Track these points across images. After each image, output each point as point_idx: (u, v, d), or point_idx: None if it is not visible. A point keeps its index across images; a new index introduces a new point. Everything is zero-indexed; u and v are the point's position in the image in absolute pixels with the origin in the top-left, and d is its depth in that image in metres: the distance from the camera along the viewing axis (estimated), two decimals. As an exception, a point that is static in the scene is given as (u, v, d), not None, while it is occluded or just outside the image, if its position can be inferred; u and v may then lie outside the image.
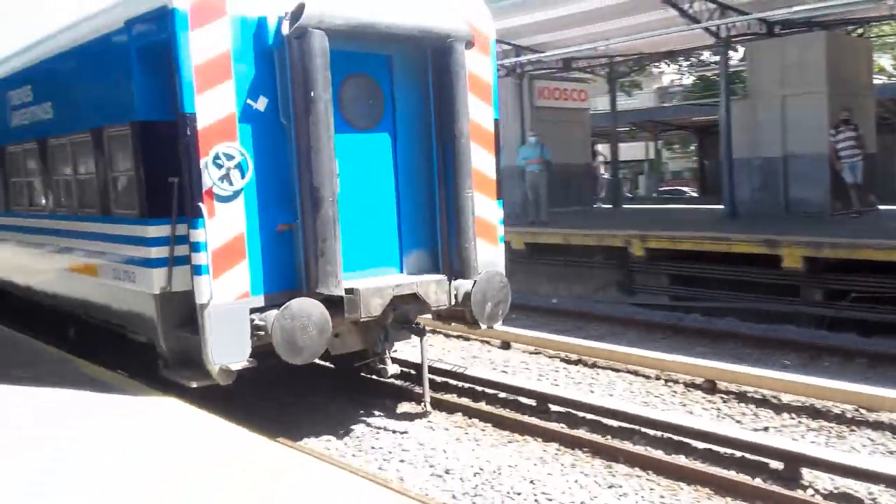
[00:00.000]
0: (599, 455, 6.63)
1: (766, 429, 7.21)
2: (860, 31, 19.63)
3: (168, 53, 6.21)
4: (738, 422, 7.45)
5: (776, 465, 6.17)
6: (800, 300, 12.15)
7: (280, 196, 6.63)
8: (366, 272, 7.04)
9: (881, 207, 16.46)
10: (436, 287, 7.11)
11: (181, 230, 6.46)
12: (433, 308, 7.31)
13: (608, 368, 9.42)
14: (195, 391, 6.37)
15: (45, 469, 4.86)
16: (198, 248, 6.24)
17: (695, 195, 33.36)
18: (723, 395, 8.17)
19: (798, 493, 5.71)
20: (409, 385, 8.51)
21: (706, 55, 28.44)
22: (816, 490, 5.87)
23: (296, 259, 6.63)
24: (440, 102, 7.18)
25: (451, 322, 8.17)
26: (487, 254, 7.67)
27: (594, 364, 9.60)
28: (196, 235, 6.24)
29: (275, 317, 6.17)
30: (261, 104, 6.56)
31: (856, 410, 7.43)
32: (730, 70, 17.52)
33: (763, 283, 12.59)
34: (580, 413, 7.54)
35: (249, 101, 6.48)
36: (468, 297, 7.16)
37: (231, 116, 6.37)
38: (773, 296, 12.34)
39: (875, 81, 20.78)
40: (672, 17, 16.04)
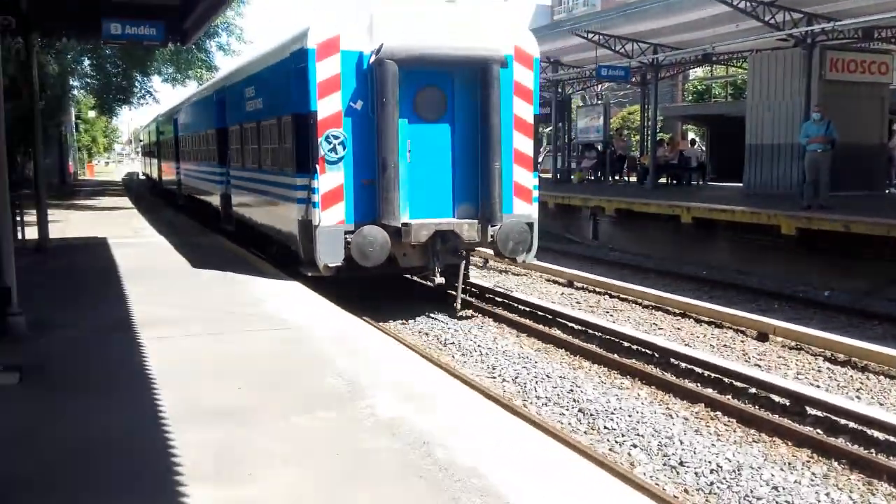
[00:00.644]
0: (858, 469, 6.12)
1: None
2: None
3: (306, 74, 10.19)
4: None
5: None
6: None
7: (367, 162, 10.40)
8: (430, 216, 10.71)
9: None
10: (468, 227, 10.65)
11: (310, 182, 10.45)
12: (466, 242, 10.78)
13: (882, 374, 8.56)
14: (309, 279, 10.74)
15: (237, 290, 10.13)
16: (315, 192, 10.37)
17: None
18: None
19: None
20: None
21: None
22: None
23: (374, 202, 10.33)
24: (482, 104, 10.53)
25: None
26: (522, 209, 11.47)
27: (864, 367, 8.80)
28: (314, 184, 10.36)
29: (356, 234, 10.11)
30: (358, 105, 10.39)
31: None
32: None
33: None
34: (841, 420, 6.94)
35: (350, 104, 10.38)
36: (494, 237, 10.76)
37: (338, 113, 10.34)
38: None
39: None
40: None
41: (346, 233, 10.36)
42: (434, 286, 11.29)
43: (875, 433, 6.67)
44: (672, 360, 8.85)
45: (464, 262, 11.34)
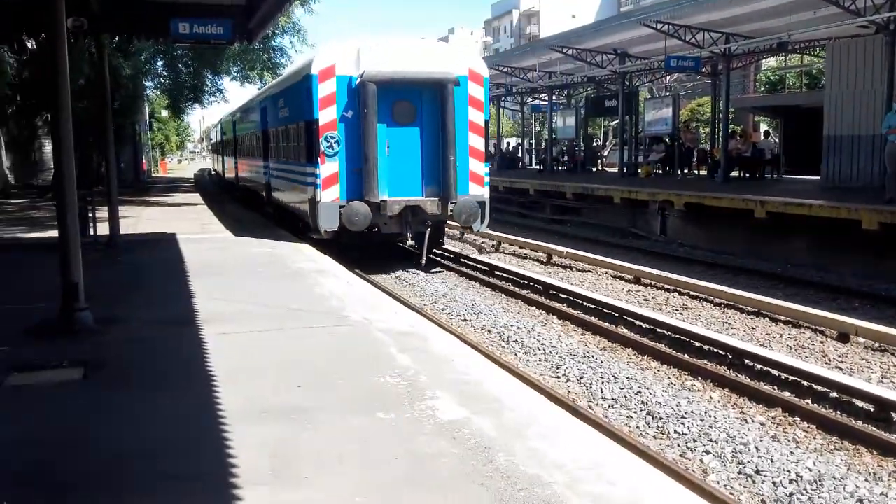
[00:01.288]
0: (951, 481, 5.76)
1: None
2: None
3: (311, 92, 14.15)
4: None
5: None
6: None
7: (355, 156, 14.21)
8: (403, 195, 14.46)
9: None
10: (431, 203, 14.49)
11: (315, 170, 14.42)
12: (430, 214, 14.52)
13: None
14: (314, 241, 14.78)
15: (299, 285, 10.71)
16: (317, 178, 14.35)
17: None
18: None
19: None
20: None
21: None
22: None
23: (361, 185, 14.12)
24: (441, 113, 14.27)
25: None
26: (476, 190, 15.00)
27: (958, 373, 8.33)
28: (317, 172, 14.31)
29: (345, 207, 13.94)
30: (349, 114, 14.26)
31: None
32: None
33: None
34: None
35: (343, 113, 14.28)
36: (452, 211, 14.49)
37: (334, 120, 14.26)
38: None
39: None
40: None
41: (340, 207, 14.23)
42: (407, 247, 16.46)
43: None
44: (746, 362, 8.46)
45: (429, 230, 14.92)
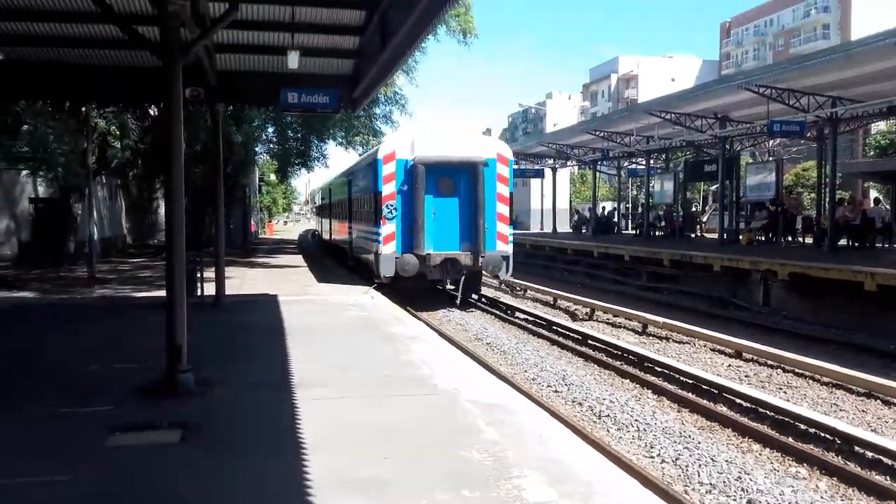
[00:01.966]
0: None
1: None
2: None
3: (377, 171, 18.75)
4: None
5: None
6: None
7: (408, 219, 18.34)
8: (444, 249, 18.56)
9: None
10: (465, 256, 18.57)
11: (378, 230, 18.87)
12: (464, 265, 18.60)
13: None
14: (379, 283, 18.99)
15: (392, 351, 9.64)
16: (379, 236, 18.70)
17: None
18: None
19: None
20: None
21: None
22: None
23: (412, 241, 18.24)
24: (473, 187, 18.50)
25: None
26: (501, 247, 19.01)
27: None
28: (379, 231, 18.67)
29: (399, 259, 18.24)
30: (404, 187, 18.48)
31: None
32: None
33: None
34: None
35: (400, 187, 18.60)
36: (481, 262, 18.53)
37: (393, 192, 18.67)
38: None
39: None
40: None
41: (396, 258, 18.60)
42: (447, 291, 20.10)
43: None
44: (856, 448, 7.96)
45: (464, 277, 18.93)
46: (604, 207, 45.98)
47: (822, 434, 8.44)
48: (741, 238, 27.12)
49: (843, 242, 23.39)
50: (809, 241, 25.91)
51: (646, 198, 35.77)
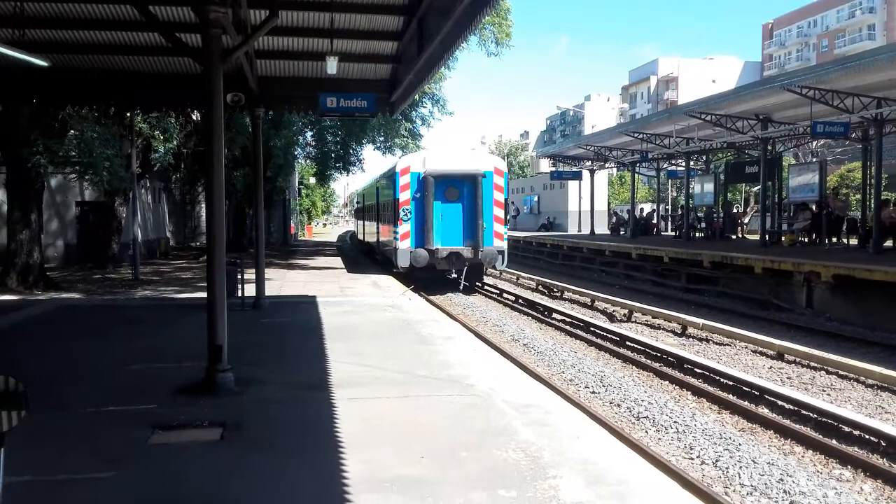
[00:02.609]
0: None
1: None
2: None
3: (395, 181, 23.03)
4: None
5: None
6: None
7: (420, 220, 22.55)
8: (449, 245, 22.63)
9: None
10: (466, 251, 22.54)
11: (397, 229, 23.04)
12: (466, 258, 22.50)
13: None
14: (395, 274, 23.59)
15: (427, 351, 8.79)
16: (398, 234, 22.88)
17: None
18: None
19: None
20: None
21: None
22: None
23: (423, 238, 22.42)
24: (474, 195, 22.63)
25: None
26: (497, 243, 22.82)
27: None
28: (398, 230, 22.87)
29: (413, 252, 22.28)
30: (418, 195, 22.63)
31: None
32: None
33: None
34: None
35: (414, 195, 22.74)
36: (480, 256, 22.48)
37: (408, 199, 22.86)
38: None
39: None
40: None
41: (410, 252, 22.45)
42: (453, 279, 23.20)
43: None
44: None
45: (466, 268, 22.79)
46: (642, 209, 45.54)
47: (867, 436, 8.28)
48: (783, 239, 26.67)
49: (889, 244, 22.87)
50: (854, 243, 25.38)
51: (685, 199, 35.36)
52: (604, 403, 10.30)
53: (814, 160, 32.15)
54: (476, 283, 24.24)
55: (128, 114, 22.93)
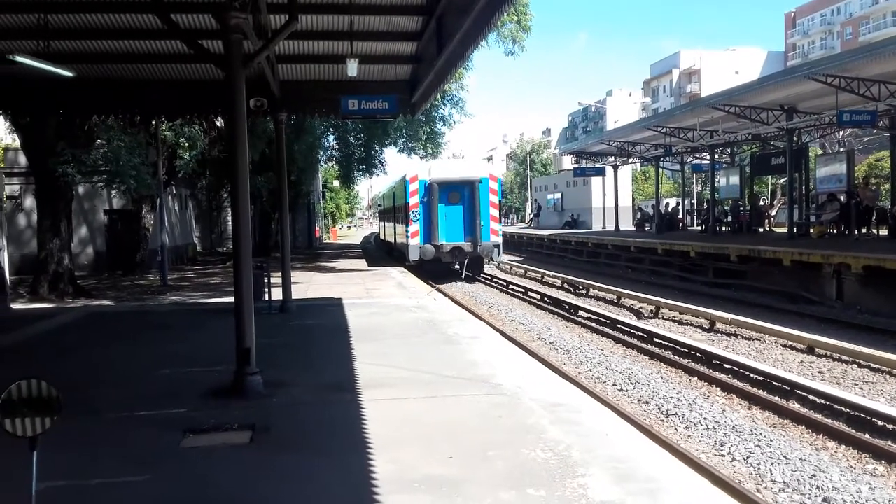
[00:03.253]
0: None
1: None
2: None
3: (406, 188, 27.63)
4: None
5: None
6: None
7: (427, 220, 26.99)
8: (452, 241, 26.86)
9: None
10: (467, 245, 26.83)
11: (407, 228, 27.81)
12: (466, 252, 26.84)
13: None
14: (407, 264, 28.13)
15: (453, 352, 7.03)
16: (408, 232, 27.42)
17: None
18: None
19: None
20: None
21: None
22: None
23: (429, 235, 26.91)
24: (472, 198, 26.96)
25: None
26: (493, 238, 27.14)
27: None
28: (408, 229, 27.40)
29: (421, 247, 26.87)
30: (425, 199, 27.04)
31: None
32: None
33: None
34: None
35: (421, 199, 27.14)
36: (478, 250, 26.88)
37: (417, 202, 27.23)
38: None
39: None
40: None
41: (419, 247, 26.09)
42: (456, 270, 27.04)
43: None
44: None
45: (467, 260, 26.76)
46: (667, 204, 45.20)
47: (902, 431, 8.16)
48: (812, 231, 26.35)
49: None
50: (884, 234, 25.00)
51: (711, 193, 35.05)
52: (632, 401, 10.25)
53: (841, 150, 31.70)
54: (478, 274, 28.28)
55: (153, 122, 23.19)
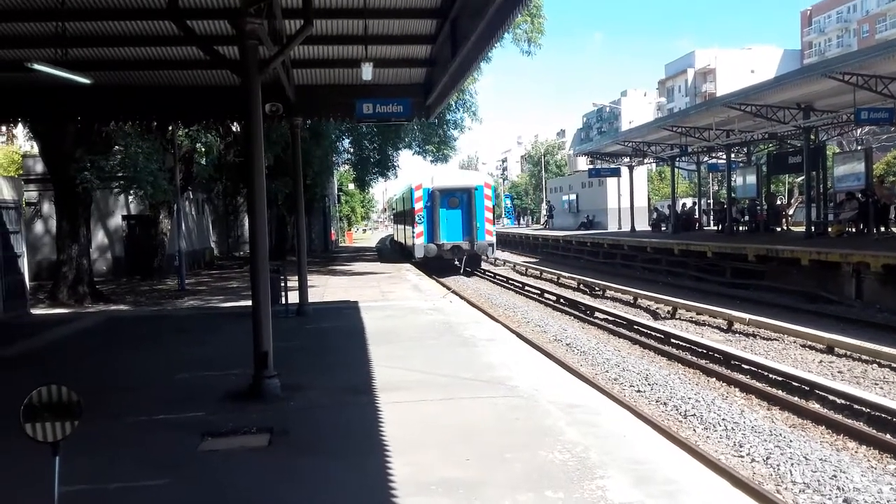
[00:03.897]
0: None
1: None
2: None
3: (412, 195, 32.33)
4: None
5: None
6: None
7: (430, 222, 31.37)
8: (452, 240, 31.15)
9: None
10: (465, 244, 31.09)
11: (413, 229, 32.89)
12: (465, 250, 31.13)
13: None
14: (414, 261, 32.28)
15: (469, 354, 7.06)
16: (414, 233, 32.03)
17: None
18: None
19: None
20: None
21: None
22: None
23: (432, 235, 31.23)
24: (469, 203, 31.35)
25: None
26: (488, 238, 31.38)
27: None
28: (414, 230, 31.98)
29: (425, 246, 31.34)
30: (428, 204, 31.30)
31: None
32: None
33: None
34: None
35: (425, 204, 31.41)
36: (475, 248, 31.20)
37: (421, 207, 31.58)
38: None
39: None
40: None
41: (424, 246, 30.60)
42: (456, 266, 31.25)
43: None
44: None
45: (465, 257, 30.77)
46: (684, 204, 44.97)
47: (923, 431, 8.07)
48: (830, 230, 26.13)
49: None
50: (905, 232, 24.74)
51: (727, 192, 34.84)
52: (650, 402, 10.20)
53: (858, 148, 31.41)
54: (475, 268, 32.77)
55: (169, 127, 23.35)
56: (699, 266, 25.77)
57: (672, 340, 14.17)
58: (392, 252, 44.28)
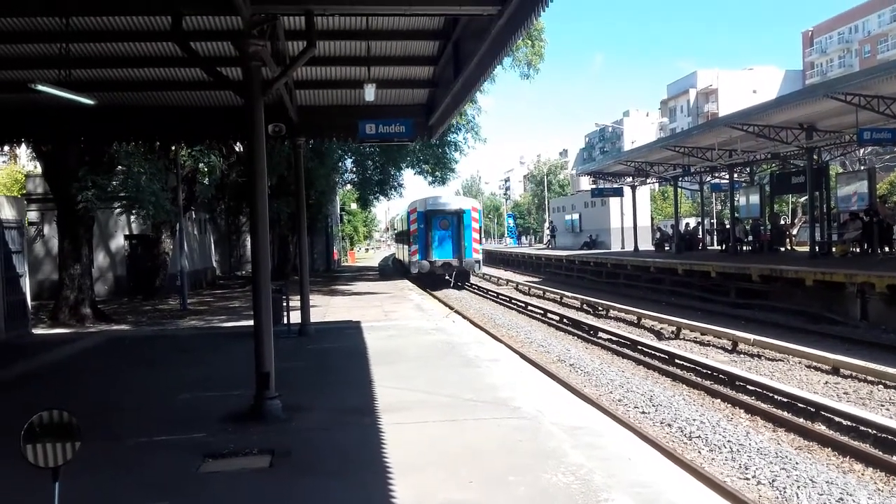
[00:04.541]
0: None
1: None
2: None
3: (408, 217, 38.34)
4: None
5: None
6: None
7: (423, 242, 35.07)
8: (443, 258, 34.84)
9: None
10: (454, 261, 34.71)
11: (408, 248, 37.94)
12: (454, 266, 34.75)
13: None
14: (411, 276, 36.50)
15: (472, 375, 6.61)
16: (409, 251, 37.28)
17: None
18: None
19: None
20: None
21: None
22: None
23: (426, 252, 34.92)
24: (458, 224, 35.09)
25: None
26: (475, 255, 35.43)
27: None
28: (410, 248, 37.16)
29: (419, 262, 34.73)
30: (421, 225, 35.23)
31: None
32: None
33: None
34: None
35: (419, 225, 35.31)
36: (463, 265, 34.87)
37: (416, 229, 35.72)
38: None
39: None
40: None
41: (418, 262, 34.17)
42: (448, 281, 34.71)
43: None
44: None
45: (455, 272, 34.50)
46: (687, 224, 44.97)
47: (931, 453, 7.99)
48: (834, 250, 26.07)
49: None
50: (909, 252, 24.67)
51: (731, 212, 34.83)
52: (654, 423, 10.12)
53: (862, 168, 31.42)
54: (464, 283, 36.10)
55: (172, 148, 23.43)
56: (703, 286, 25.70)
57: (676, 361, 14.09)
58: (396, 274, 44.82)
